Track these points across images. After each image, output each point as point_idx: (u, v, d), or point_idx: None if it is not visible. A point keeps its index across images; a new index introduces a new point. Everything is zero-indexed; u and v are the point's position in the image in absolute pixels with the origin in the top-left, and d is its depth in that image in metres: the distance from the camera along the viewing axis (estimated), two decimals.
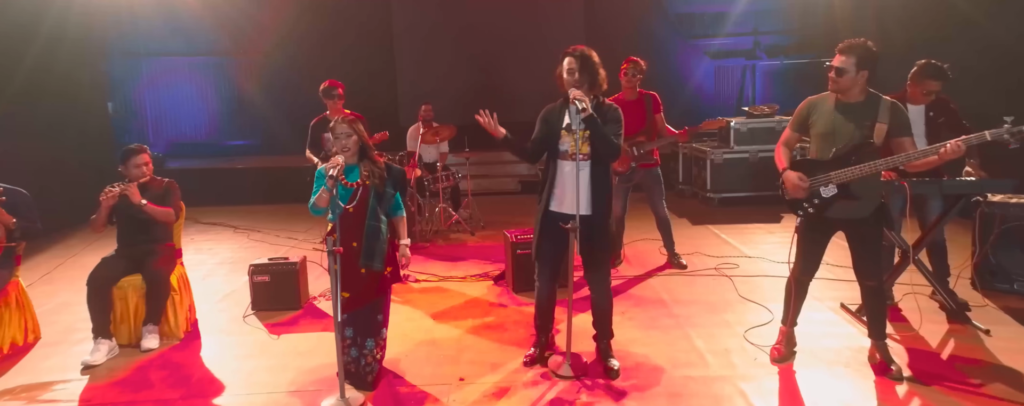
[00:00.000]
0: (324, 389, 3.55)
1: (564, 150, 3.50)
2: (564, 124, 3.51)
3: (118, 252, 4.37)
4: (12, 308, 4.19)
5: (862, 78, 3.32)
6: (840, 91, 3.39)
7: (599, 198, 3.45)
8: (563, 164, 3.51)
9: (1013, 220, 4.54)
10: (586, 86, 3.45)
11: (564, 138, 3.50)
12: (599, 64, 3.49)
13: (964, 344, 3.87)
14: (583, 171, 3.43)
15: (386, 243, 3.52)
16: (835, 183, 3.39)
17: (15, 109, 7.49)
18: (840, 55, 3.35)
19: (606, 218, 3.50)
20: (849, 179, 3.35)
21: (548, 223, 3.58)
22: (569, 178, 3.46)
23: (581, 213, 3.41)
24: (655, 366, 3.73)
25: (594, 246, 3.50)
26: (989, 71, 6.65)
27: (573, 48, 3.52)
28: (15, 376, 3.84)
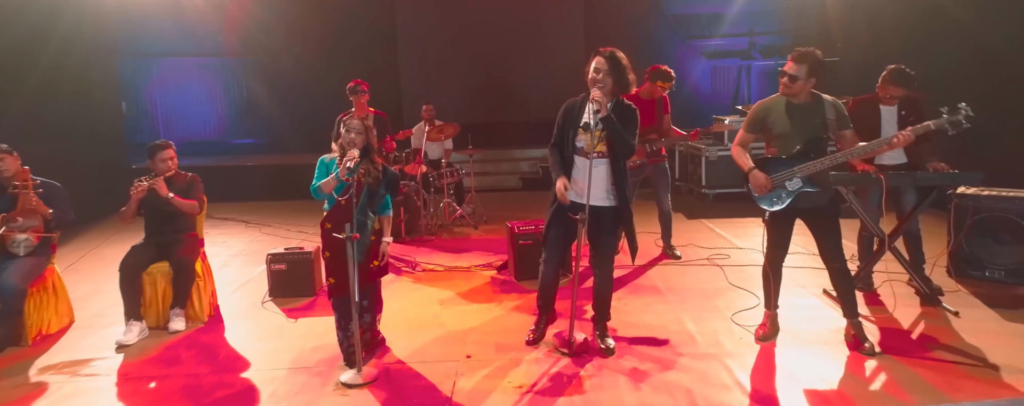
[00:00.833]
0: (338, 361, 3.84)
1: (580, 147, 3.76)
2: (582, 121, 3.76)
3: (146, 241, 4.66)
4: (49, 293, 4.48)
5: (811, 84, 3.65)
6: (792, 95, 3.71)
7: (621, 191, 3.74)
8: (578, 159, 3.78)
9: (985, 211, 4.83)
10: (610, 86, 3.67)
11: (581, 135, 3.76)
12: (629, 67, 3.70)
13: (934, 325, 4.16)
14: (596, 168, 3.69)
15: (370, 238, 3.77)
16: (800, 176, 3.69)
17: (31, 108, 7.75)
18: (793, 63, 3.66)
19: (626, 210, 3.79)
20: (813, 172, 3.66)
21: (560, 211, 3.87)
22: (581, 173, 3.73)
23: (592, 204, 3.70)
24: (649, 346, 4.02)
25: (608, 233, 3.80)
26: (974, 67, 6.92)
27: (604, 49, 3.72)
28: (55, 354, 4.14)
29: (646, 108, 5.67)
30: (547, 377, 3.63)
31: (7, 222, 4.14)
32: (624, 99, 3.79)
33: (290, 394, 3.52)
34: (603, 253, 3.88)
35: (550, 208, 3.92)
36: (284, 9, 11.16)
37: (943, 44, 7.33)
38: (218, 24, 11.01)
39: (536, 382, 3.57)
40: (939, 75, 7.00)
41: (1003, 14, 6.64)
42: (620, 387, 3.48)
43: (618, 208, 3.78)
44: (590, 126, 3.70)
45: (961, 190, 4.98)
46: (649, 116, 5.72)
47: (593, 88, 3.68)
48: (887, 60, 4.78)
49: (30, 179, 4.32)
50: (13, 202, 4.27)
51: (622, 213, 3.80)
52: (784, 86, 3.72)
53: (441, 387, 3.54)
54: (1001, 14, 6.66)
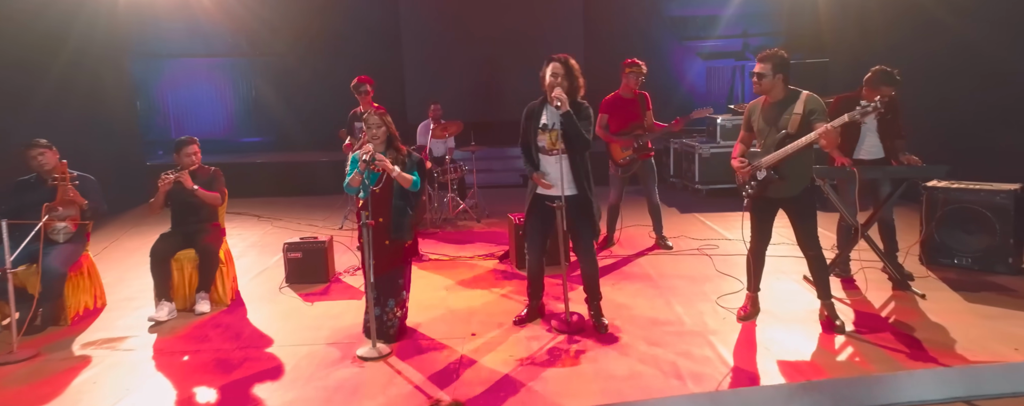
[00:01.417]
0: (356, 342, 4.19)
1: (542, 146, 4.15)
2: (540, 124, 4.12)
3: (173, 230, 5.01)
4: (85, 277, 4.84)
5: (779, 80, 3.99)
6: (764, 92, 4.06)
7: (580, 181, 4.10)
8: (545, 158, 4.15)
9: (955, 203, 5.18)
10: (566, 88, 4.03)
11: (540, 136, 4.14)
12: (579, 72, 4.10)
13: (902, 306, 4.51)
14: (559, 163, 4.07)
15: (408, 218, 4.16)
16: (764, 167, 4.04)
17: (50, 106, 8.05)
18: (759, 63, 4.00)
19: (588, 197, 4.15)
20: (773, 163, 4.01)
21: (536, 205, 4.24)
22: (549, 168, 4.11)
23: (568, 193, 4.07)
24: (639, 325, 4.37)
25: (579, 222, 4.16)
26: (956, 66, 7.22)
27: (558, 55, 4.11)
28: (93, 332, 4.50)
29: (630, 106, 6.03)
30: (545, 350, 3.99)
31: (49, 211, 4.48)
32: (580, 99, 4.14)
33: (312, 366, 3.87)
34: (583, 239, 4.24)
35: (527, 201, 4.28)
36: (290, 10, 11.49)
37: (927, 44, 7.63)
38: (227, 25, 11.35)
39: (534, 354, 3.92)
40: (923, 74, 7.35)
41: (984, 15, 6.94)
42: (610, 359, 3.84)
43: (578, 198, 4.13)
44: (548, 126, 4.08)
45: (933, 183, 5.34)
46: (633, 114, 6.05)
47: (553, 89, 4.02)
48: (875, 60, 5.10)
49: (68, 172, 4.67)
50: (53, 193, 4.61)
51: (581, 202, 4.14)
52: (755, 85, 4.07)
53: (448, 359, 3.89)
54: (982, 15, 6.96)
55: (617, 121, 6.08)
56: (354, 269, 5.87)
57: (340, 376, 3.74)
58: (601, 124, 6.10)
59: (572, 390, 3.48)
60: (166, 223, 5.12)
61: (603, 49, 11.01)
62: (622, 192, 6.35)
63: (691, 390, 3.46)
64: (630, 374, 3.64)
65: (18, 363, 3.97)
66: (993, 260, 5.03)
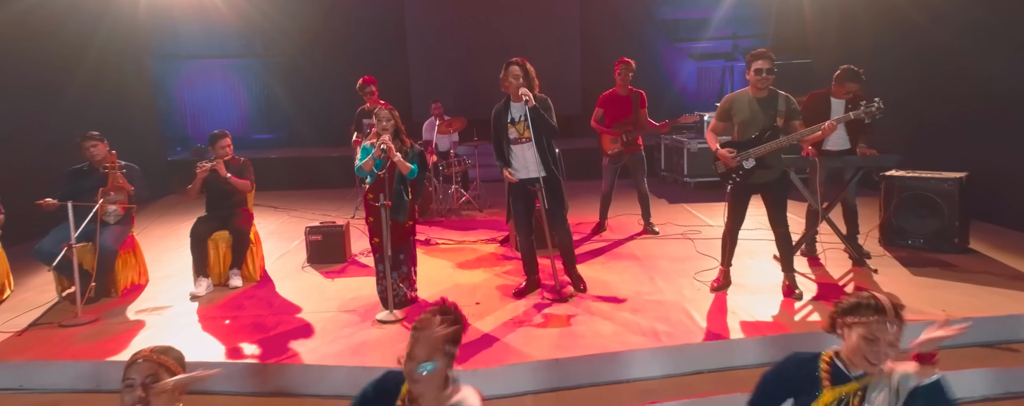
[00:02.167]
0: (373, 310, 4.77)
1: (513, 137, 4.78)
2: (508, 119, 4.75)
3: (208, 214, 5.60)
4: (131, 255, 5.43)
5: (769, 80, 4.56)
6: (765, 88, 4.60)
7: (548, 164, 4.72)
8: (515, 148, 4.79)
9: (908, 190, 5.76)
10: (525, 86, 4.65)
11: (510, 129, 4.77)
12: (535, 73, 4.75)
13: (856, 279, 5.10)
14: (528, 150, 4.70)
15: (407, 202, 4.72)
16: (753, 157, 4.62)
17: (77, 104, 8.53)
18: (766, 60, 4.53)
19: (557, 176, 4.79)
20: (763, 154, 4.58)
21: (516, 190, 4.86)
22: (520, 155, 4.77)
23: (538, 175, 4.71)
24: (623, 295, 4.95)
25: (550, 199, 4.77)
26: (928, 65, 7.69)
27: (517, 59, 4.74)
28: (142, 302, 5.10)
29: (623, 103, 6.62)
30: (540, 315, 4.58)
31: (103, 195, 5.06)
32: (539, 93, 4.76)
33: (337, 328, 4.46)
34: (555, 213, 4.86)
35: (508, 188, 4.91)
36: (301, 14, 12.05)
37: (905, 45, 8.11)
38: (240, 28, 11.93)
39: (531, 319, 4.52)
40: (898, 72, 7.90)
41: (952, 20, 7.41)
42: (596, 322, 4.42)
43: (548, 178, 4.74)
44: (515, 120, 4.72)
45: (890, 172, 5.92)
46: (626, 110, 6.64)
47: (518, 88, 4.64)
48: (855, 60, 5.68)
49: (116, 161, 5.26)
50: (104, 180, 5.19)
51: (551, 181, 4.75)
52: (761, 80, 4.52)
53: None
54: (951, 20, 7.43)
55: (611, 115, 6.67)
56: (367, 252, 6.45)
57: (362, 335, 4.33)
58: (596, 117, 6.71)
59: (561, 345, 4.07)
60: (198, 209, 5.72)
61: (598, 50, 11.58)
62: (614, 182, 6.93)
63: (664, 344, 4.04)
64: (613, 333, 4.23)
65: (82, 326, 4.56)
66: (941, 240, 5.62)
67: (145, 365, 2.24)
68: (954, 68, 7.42)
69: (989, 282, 4.84)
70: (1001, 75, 6.44)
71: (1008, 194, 6.41)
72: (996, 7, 6.60)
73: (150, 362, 2.24)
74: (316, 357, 4.01)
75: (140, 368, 2.23)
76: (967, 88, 7.04)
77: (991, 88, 6.61)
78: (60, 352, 4.16)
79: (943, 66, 7.55)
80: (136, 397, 2.18)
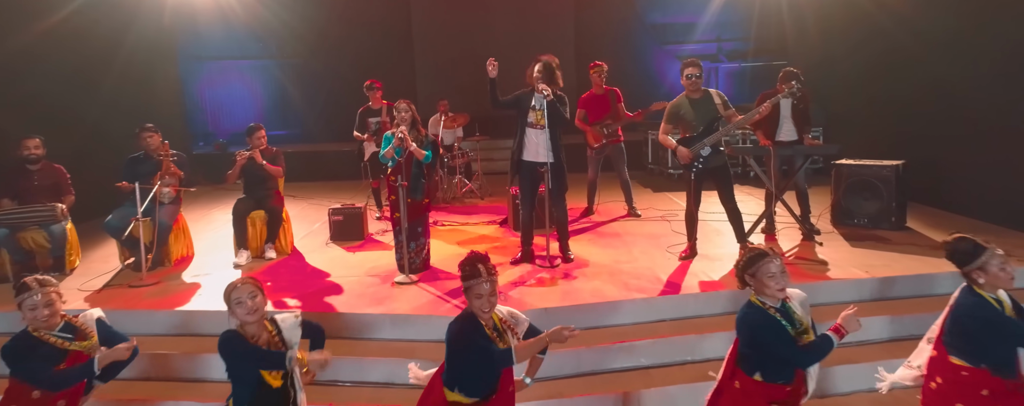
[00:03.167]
0: (391, 275, 5.63)
1: (531, 121, 5.62)
2: (531, 105, 5.59)
3: (246, 196, 6.45)
4: (181, 231, 6.30)
5: (700, 81, 5.45)
6: (696, 89, 5.50)
7: (557, 150, 5.56)
8: (530, 131, 5.63)
9: (854, 176, 6.61)
10: (547, 82, 5.50)
11: (531, 114, 5.61)
12: (558, 68, 5.60)
13: (803, 251, 5.96)
14: (542, 135, 5.53)
15: (423, 183, 5.58)
16: (708, 145, 5.49)
17: (109, 102, 9.23)
18: (695, 67, 5.48)
19: (562, 163, 5.63)
20: (715, 141, 5.46)
21: (524, 169, 5.69)
22: (533, 139, 5.61)
23: (547, 160, 5.55)
24: (604, 264, 5.81)
25: (556, 182, 5.61)
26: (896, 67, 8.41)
27: (542, 57, 5.60)
28: (193, 270, 5.97)
29: (601, 102, 7.49)
30: (533, 278, 5.45)
31: (160, 179, 5.91)
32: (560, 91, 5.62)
33: (362, 288, 5.33)
34: (557, 195, 5.71)
35: (513, 165, 5.77)
36: (313, 17, 12.90)
37: (871, 48, 8.87)
38: (258, 31, 12.79)
39: (526, 280, 5.38)
40: (869, 74, 8.72)
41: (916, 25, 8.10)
42: (578, 282, 5.30)
43: (554, 164, 5.59)
44: (536, 108, 5.57)
45: (841, 161, 6.78)
46: (604, 107, 7.51)
47: (540, 82, 5.50)
48: (829, 62, 6.53)
49: (169, 150, 6.11)
50: (158, 166, 6.05)
51: (556, 167, 5.60)
52: (693, 83, 5.49)
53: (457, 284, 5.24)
54: (914, 25, 8.14)
55: (593, 113, 7.53)
56: (382, 231, 7.32)
57: (383, 292, 5.20)
58: (580, 117, 7.56)
59: (547, 298, 4.94)
60: (237, 192, 6.57)
61: (592, 52, 12.37)
62: (598, 170, 7.80)
63: (634, 297, 4.91)
64: (592, 290, 5.10)
65: (147, 286, 5.43)
66: (881, 219, 6.47)
67: (246, 286, 3.08)
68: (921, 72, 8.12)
69: (912, 252, 5.71)
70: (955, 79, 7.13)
71: (946, 180, 7.27)
72: (944, 13, 7.37)
73: (248, 283, 3.10)
74: (349, 309, 4.87)
75: (243, 289, 3.07)
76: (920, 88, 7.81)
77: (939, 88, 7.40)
78: (134, 306, 5.03)
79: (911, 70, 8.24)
80: (247, 308, 3.03)
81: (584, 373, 4.46)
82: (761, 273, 3.01)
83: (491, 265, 3.18)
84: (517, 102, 5.70)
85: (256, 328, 3.10)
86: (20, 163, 5.87)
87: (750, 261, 3.08)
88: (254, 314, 3.05)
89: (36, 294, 3.14)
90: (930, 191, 7.39)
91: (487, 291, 3.09)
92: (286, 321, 3.22)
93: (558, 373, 4.39)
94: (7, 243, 5.58)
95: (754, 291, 3.10)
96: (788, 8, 11.40)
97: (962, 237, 3.07)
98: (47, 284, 3.21)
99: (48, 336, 3.21)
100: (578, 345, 4.55)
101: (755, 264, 3.04)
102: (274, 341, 3.14)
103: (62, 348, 3.22)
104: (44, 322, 3.17)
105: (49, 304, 3.18)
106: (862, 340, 4.60)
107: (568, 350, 4.49)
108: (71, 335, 3.28)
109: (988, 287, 2.97)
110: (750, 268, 3.06)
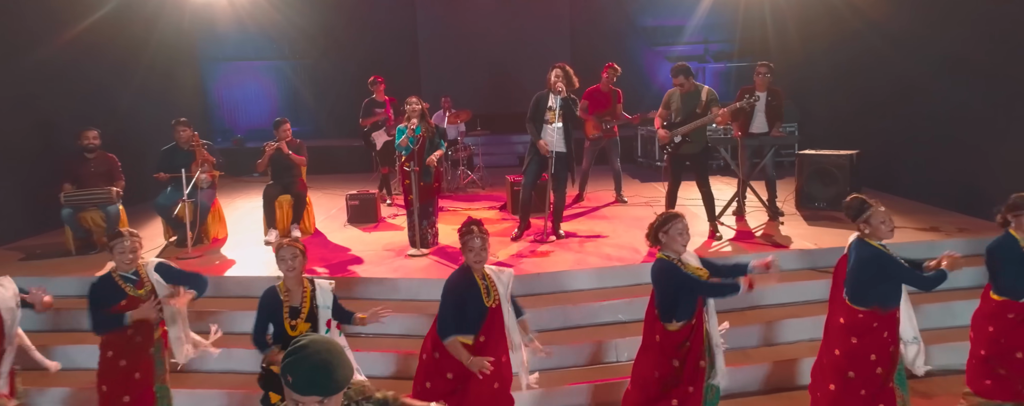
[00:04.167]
0: (404, 249, 6.44)
1: (547, 119, 6.43)
2: (548, 105, 6.40)
3: (274, 182, 7.25)
4: (216, 213, 7.12)
5: (691, 80, 6.25)
6: (685, 86, 6.31)
7: (568, 142, 6.37)
8: (546, 126, 6.43)
9: (814, 164, 7.40)
10: (564, 85, 6.30)
11: (547, 113, 6.42)
12: (573, 74, 6.40)
13: (767, 229, 6.77)
14: (557, 130, 6.35)
15: (433, 169, 6.39)
16: (680, 134, 6.31)
17: (135, 101, 9.82)
18: (683, 77, 6.27)
19: (570, 153, 6.44)
20: (686, 131, 6.27)
21: (536, 156, 6.50)
22: (549, 133, 6.40)
23: (559, 150, 6.35)
24: (590, 240, 6.62)
25: (560, 169, 6.42)
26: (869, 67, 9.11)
27: (560, 64, 6.41)
28: (230, 247, 6.80)
29: (604, 98, 8.30)
30: (528, 250, 6.26)
31: (198, 167, 6.71)
32: (572, 94, 6.42)
33: (379, 259, 6.15)
34: (560, 180, 6.51)
35: (529, 156, 6.55)
36: (324, 21, 13.67)
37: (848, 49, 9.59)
38: (271, 33, 13.59)
39: (520, 253, 6.20)
40: (844, 73, 9.47)
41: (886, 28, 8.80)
42: (566, 254, 6.12)
43: (565, 154, 6.40)
44: (552, 107, 6.37)
45: (803, 151, 7.58)
46: (606, 103, 8.32)
47: (557, 84, 6.29)
48: (807, 61, 7.31)
49: (199, 140, 6.89)
50: (192, 156, 6.82)
51: (567, 156, 6.41)
52: (683, 84, 6.31)
53: None
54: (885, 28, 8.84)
55: (594, 107, 8.34)
56: (393, 215, 8.14)
57: (398, 263, 6.02)
58: (582, 108, 8.37)
59: (537, 265, 5.77)
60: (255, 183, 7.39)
61: (586, 53, 13.19)
62: (592, 160, 8.61)
63: (614, 265, 5.72)
64: (576, 260, 5.92)
65: (192, 259, 6.23)
66: (838, 203, 7.17)
67: (291, 248, 3.87)
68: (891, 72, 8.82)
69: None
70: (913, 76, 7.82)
71: (900, 168, 8.09)
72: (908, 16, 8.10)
73: (294, 246, 3.89)
74: (370, 275, 5.69)
75: (287, 250, 3.85)
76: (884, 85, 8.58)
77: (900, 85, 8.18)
78: None
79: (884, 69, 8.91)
80: (288, 266, 3.82)
81: (570, 327, 5.27)
82: (673, 231, 3.75)
83: (483, 227, 3.93)
84: (537, 105, 6.51)
85: (294, 283, 3.86)
86: (78, 152, 6.69)
87: (664, 222, 3.79)
88: (292, 271, 3.82)
89: (126, 240, 3.96)
90: (886, 177, 8.20)
91: (478, 246, 3.84)
92: (322, 285, 3.95)
93: (543, 326, 5.20)
94: (71, 222, 6.40)
95: (663, 246, 3.81)
96: (770, 12, 12.19)
97: (855, 196, 3.89)
98: (134, 235, 4.03)
99: (120, 279, 4.01)
100: (565, 303, 5.38)
101: (668, 224, 3.77)
102: (307, 297, 3.87)
103: (124, 292, 4.01)
104: (127, 265, 3.99)
105: (133, 250, 3.99)
106: (807, 300, 5.44)
107: (555, 307, 5.33)
108: (135, 282, 4.06)
109: (872, 237, 3.77)
110: (663, 227, 3.78)
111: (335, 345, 1.85)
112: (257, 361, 4.00)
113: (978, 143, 6.91)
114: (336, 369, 1.80)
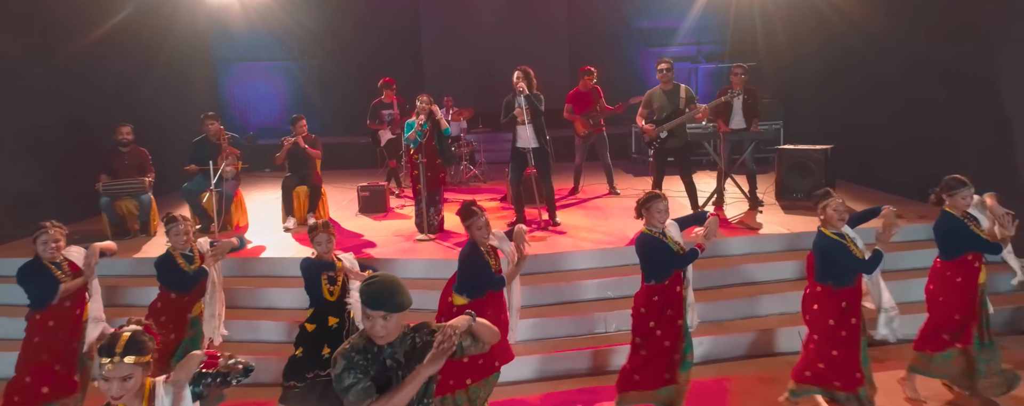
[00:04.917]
0: (413, 235, 7.02)
1: (518, 119, 6.99)
2: (516, 106, 6.96)
3: (291, 174, 7.82)
4: (239, 202, 7.69)
5: (671, 75, 6.83)
6: (668, 81, 6.89)
7: (540, 138, 6.94)
8: (518, 126, 7.01)
9: (792, 158, 7.97)
10: (525, 85, 6.86)
11: (516, 112, 6.98)
12: (533, 76, 6.98)
13: (746, 217, 7.35)
14: (527, 127, 6.92)
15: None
16: (666, 129, 6.88)
17: (152, 100, 10.30)
18: (667, 63, 6.84)
19: (545, 148, 7.00)
20: (672, 127, 6.85)
21: (516, 154, 7.08)
22: (520, 131, 6.99)
23: (533, 146, 6.92)
24: (583, 228, 7.20)
25: (539, 163, 6.99)
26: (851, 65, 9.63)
27: (522, 68, 6.97)
28: (253, 233, 7.37)
29: (585, 98, 8.88)
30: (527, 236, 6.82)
31: (224, 159, 7.28)
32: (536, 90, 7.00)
33: (390, 242, 6.74)
34: (543, 174, 7.11)
35: (512, 157, 7.16)
36: (331, 22, 14.25)
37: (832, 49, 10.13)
38: (281, 35, 14.15)
39: None
40: (828, 72, 10.01)
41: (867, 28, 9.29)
42: (560, 239, 6.70)
43: (538, 149, 6.97)
44: (519, 105, 6.91)
45: (782, 146, 8.16)
46: (589, 102, 8.90)
47: (518, 84, 6.86)
48: (798, 63, 7.86)
49: (225, 134, 7.46)
50: (218, 148, 7.40)
51: (540, 152, 6.99)
52: (665, 75, 6.90)
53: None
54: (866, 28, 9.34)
55: (579, 108, 8.92)
56: (402, 206, 8.71)
57: (408, 246, 6.61)
58: (567, 110, 8.94)
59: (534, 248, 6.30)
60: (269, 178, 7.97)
61: (583, 54, 13.76)
62: (584, 156, 9.19)
63: (604, 247, 6.30)
64: (570, 244, 6.50)
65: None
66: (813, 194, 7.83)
67: (323, 233, 4.44)
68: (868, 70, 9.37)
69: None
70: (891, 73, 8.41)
71: (874, 161, 8.67)
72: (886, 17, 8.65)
73: (327, 230, 4.46)
74: (383, 257, 6.27)
75: (322, 234, 4.42)
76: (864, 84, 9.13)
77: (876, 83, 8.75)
78: None
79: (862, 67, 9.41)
80: (324, 248, 4.39)
81: (564, 301, 5.86)
82: (653, 209, 4.35)
83: (481, 207, 4.51)
84: (508, 108, 7.08)
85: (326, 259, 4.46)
86: (114, 145, 7.27)
87: (647, 199, 4.40)
88: (327, 253, 4.42)
89: (180, 224, 4.54)
90: (862, 170, 8.78)
91: (483, 224, 4.44)
92: (348, 258, 4.60)
93: (542, 302, 5.79)
94: (108, 209, 6.98)
95: (646, 221, 4.41)
96: (760, 15, 12.76)
97: (824, 190, 4.47)
98: (187, 219, 4.61)
99: (178, 257, 4.60)
100: (559, 281, 5.96)
101: (650, 202, 4.38)
102: (340, 269, 4.47)
103: (181, 269, 4.60)
104: (182, 245, 4.57)
105: (186, 233, 4.58)
106: (779, 278, 6.02)
107: (551, 285, 5.91)
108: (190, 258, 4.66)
109: (827, 225, 4.35)
110: (647, 204, 4.39)
111: (398, 279, 2.53)
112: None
113: (946, 136, 7.49)
114: (396, 294, 2.47)
